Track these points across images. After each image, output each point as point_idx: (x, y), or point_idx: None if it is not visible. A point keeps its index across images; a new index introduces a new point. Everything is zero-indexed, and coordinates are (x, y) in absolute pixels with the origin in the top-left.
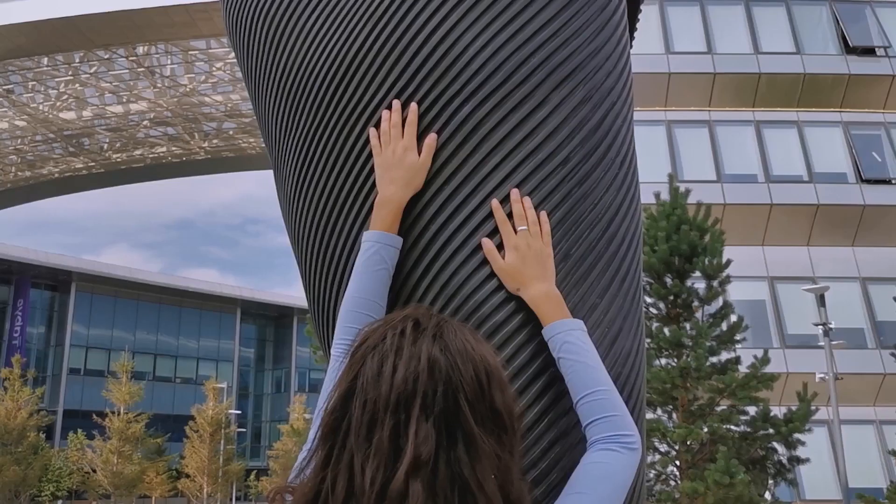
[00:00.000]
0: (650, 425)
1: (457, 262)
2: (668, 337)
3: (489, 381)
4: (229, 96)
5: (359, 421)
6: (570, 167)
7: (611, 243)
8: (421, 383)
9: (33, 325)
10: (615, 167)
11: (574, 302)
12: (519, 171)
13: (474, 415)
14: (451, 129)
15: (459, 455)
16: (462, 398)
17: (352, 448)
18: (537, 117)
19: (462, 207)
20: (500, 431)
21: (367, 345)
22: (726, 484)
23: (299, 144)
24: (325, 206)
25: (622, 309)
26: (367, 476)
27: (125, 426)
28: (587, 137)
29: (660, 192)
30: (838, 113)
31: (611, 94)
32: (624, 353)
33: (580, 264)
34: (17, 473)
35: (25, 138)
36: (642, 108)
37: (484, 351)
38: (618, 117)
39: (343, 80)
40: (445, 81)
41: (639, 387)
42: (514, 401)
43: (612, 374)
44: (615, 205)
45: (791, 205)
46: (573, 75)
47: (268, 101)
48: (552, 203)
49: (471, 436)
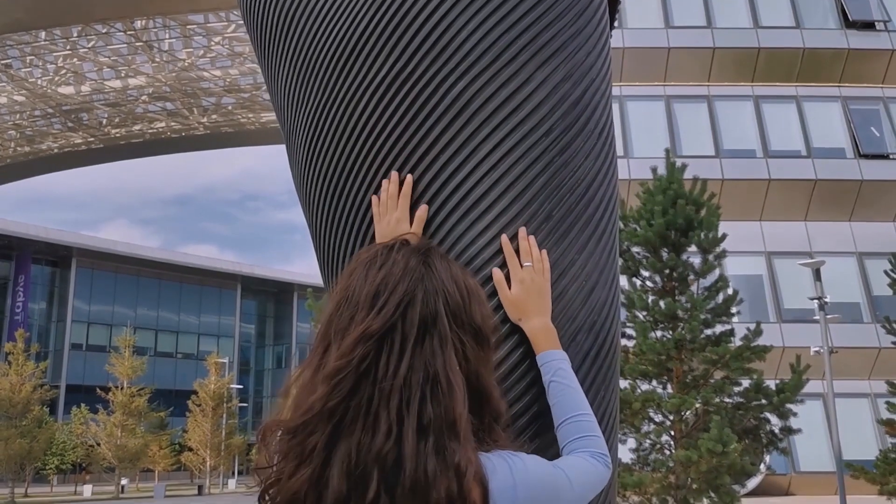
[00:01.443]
0: (645, 396)
1: (452, 220)
2: (663, 309)
3: (469, 296)
4: (228, 71)
5: (341, 317)
6: (552, 137)
7: (589, 206)
8: (402, 285)
9: (34, 301)
10: (594, 138)
11: (555, 258)
12: (507, 142)
13: (452, 321)
14: (446, 103)
15: (434, 348)
16: (441, 304)
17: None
18: (523, 93)
19: (456, 174)
20: (475, 342)
21: (360, 260)
22: (719, 452)
23: (310, 117)
24: (333, 174)
25: (598, 264)
26: (333, 359)
27: (128, 400)
28: (568, 111)
29: (657, 167)
30: (837, 88)
31: (590, 71)
32: (599, 304)
33: (561, 224)
34: (23, 446)
35: (24, 113)
36: (641, 83)
37: (466, 274)
38: (596, 92)
39: (350, 59)
40: (441, 61)
41: (613, 333)
42: (491, 318)
43: (588, 321)
44: (593, 171)
45: (789, 180)
46: (556, 55)
47: (280, 77)
48: (536, 170)
49: (444, 337)
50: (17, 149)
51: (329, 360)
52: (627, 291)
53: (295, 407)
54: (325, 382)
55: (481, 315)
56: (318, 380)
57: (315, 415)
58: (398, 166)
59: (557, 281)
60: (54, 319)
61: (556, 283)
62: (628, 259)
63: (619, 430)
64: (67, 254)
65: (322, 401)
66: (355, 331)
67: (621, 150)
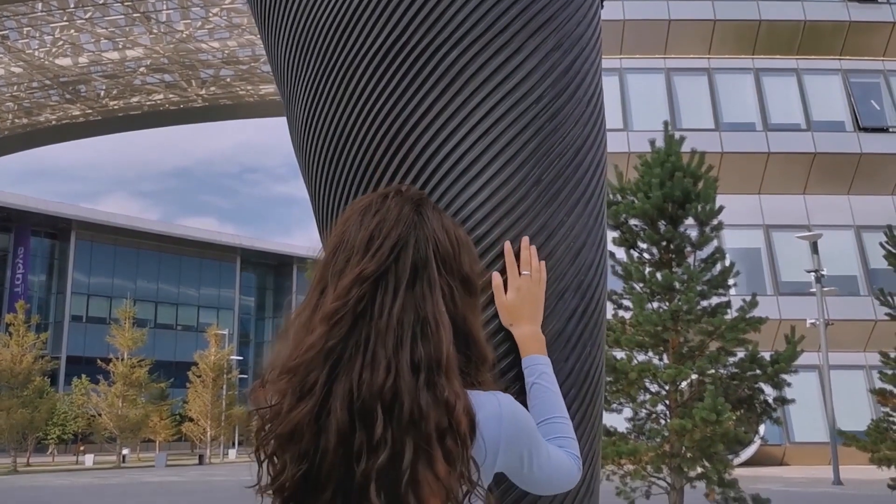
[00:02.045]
0: (641, 366)
1: (446, 183)
2: (660, 281)
3: (459, 245)
4: (226, 43)
5: (336, 261)
6: (542, 104)
7: (577, 170)
8: (396, 231)
9: (34, 274)
10: (583, 105)
11: (544, 220)
12: (498, 108)
13: (441, 267)
14: (440, 72)
15: (423, 291)
16: (432, 250)
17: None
18: (514, 62)
19: (449, 139)
20: (463, 289)
21: (355, 207)
22: (713, 421)
23: (309, 84)
24: (331, 139)
25: (586, 226)
26: (330, 300)
27: (129, 371)
28: (558, 79)
29: (655, 140)
30: (838, 61)
31: (580, 40)
32: (587, 264)
33: (550, 188)
34: (25, 416)
35: (22, 85)
36: (642, 56)
37: (456, 226)
38: (586, 61)
39: (347, 28)
40: (435, 31)
41: (600, 292)
42: (478, 266)
43: (575, 281)
44: (582, 137)
45: (788, 153)
46: (546, 25)
47: (280, 46)
48: (526, 135)
49: (433, 281)
50: (15, 121)
51: (326, 301)
52: (625, 263)
53: (294, 347)
54: (323, 323)
55: (469, 264)
56: (316, 320)
57: (315, 353)
58: (394, 132)
59: (546, 242)
60: (54, 291)
61: (545, 244)
62: (626, 231)
63: (605, 387)
64: (67, 226)
65: (322, 339)
66: (351, 273)
67: (621, 123)
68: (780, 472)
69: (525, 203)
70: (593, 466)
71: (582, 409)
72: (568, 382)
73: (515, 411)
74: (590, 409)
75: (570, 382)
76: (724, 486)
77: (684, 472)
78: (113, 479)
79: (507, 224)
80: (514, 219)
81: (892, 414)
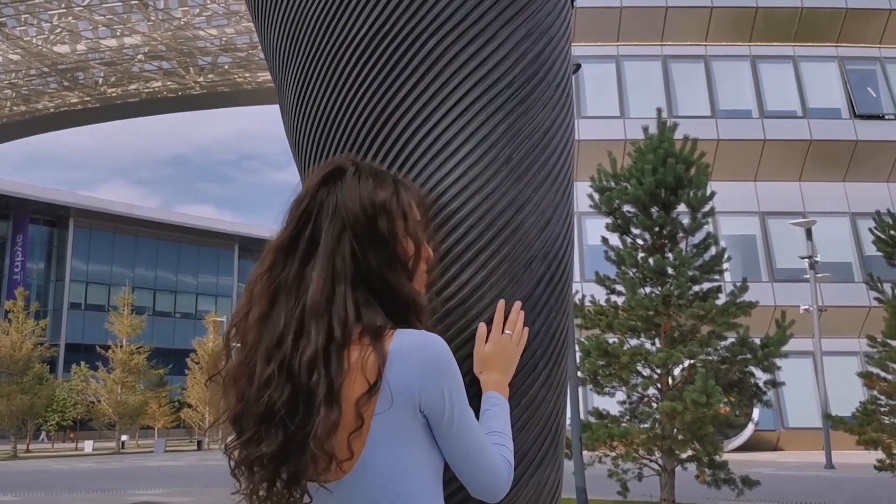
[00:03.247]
0: (634, 350)
1: (424, 161)
2: (652, 266)
3: (375, 211)
4: (224, 30)
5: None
6: (513, 89)
7: (545, 150)
8: (303, 204)
9: (33, 261)
10: (551, 90)
11: (514, 195)
12: (472, 93)
13: (351, 233)
14: (419, 58)
15: (315, 258)
16: (339, 218)
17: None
18: (488, 49)
19: (427, 121)
20: (378, 250)
21: (297, 196)
22: (703, 403)
23: (299, 70)
24: (320, 121)
25: (553, 201)
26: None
27: (128, 357)
28: (528, 65)
29: (648, 127)
30: (834, 48)
31: (549, 30)
32: (554, 235)
33: (519, 166)
34: (25, 402)
35: (20, 72)
36: (638, 43)
37: (377, 191)
38: (555, 49)
39: (334, 18)
40: (415, 20)
41: (566, 261)
42: (397, 226)
43: (542, 251)
44: (550, 119)
45: (784, 140)
46: (518, 14)
47: (273, 34)
48: (498, 118)
49: (327, 249)
50: (14, 108)
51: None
52: (618, 248)
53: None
54: (246, 290)
55: (387, 227)
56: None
57: (243, 315)
58: (377, 114)
59: (515, 216)
60: (53, 279)
61: (514, 218)
62: (619, 217)
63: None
64: (65, 214)
65: (245, 306)
66: (270, 244)
67: (617, 110)
68: (773, 457)
69: (496, 180)
70: (558, 420)
71: (548, 368)
72: (535, 343)
73: (443, 350)
74: (555, 367)
75: (536, 343)
76: (714, 468)
77: (675, 454)
78: (113, 463)
79: (479, 199)
80: (485, 194)
81: (879, 397)
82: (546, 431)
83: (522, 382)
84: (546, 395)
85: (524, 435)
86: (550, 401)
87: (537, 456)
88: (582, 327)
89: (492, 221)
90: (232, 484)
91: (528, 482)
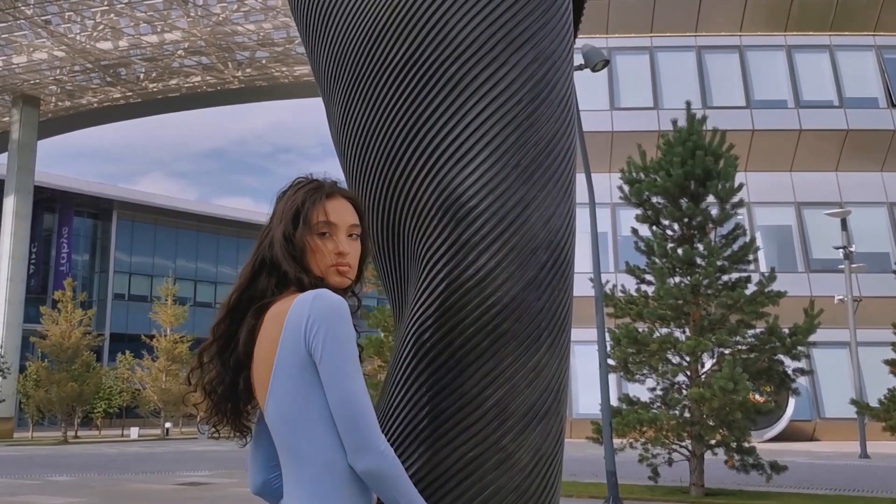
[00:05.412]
0: (663, 338)
1: (447, 167)
2: (681, 256)
3: (277, 220)
4: (261, 25)
5: None
6: (521, 106)
7: (549, 157)
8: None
9: (77, 253)
10: (554, 105)
11: (521, 194)
12: (487, 110)
13: (264, 241)
14: (444, 81)
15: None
16: (262, 235)
17: None
18: (500, 73)
19: (450, 134)
20: (277, 245)
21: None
22: (731, 390)
23: (344, 90)
24: (362, 133)
25: (556, 199)
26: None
27: (172, 346)
28: (534, 86)
29: (677, 119)
30: (871, 37)
31: (553, 55)
32: (556, 228)
33: (527, 171)
34: (74, 389)
35: (64, 69)
36: (673, 34)
37: (286, 205)
38: (558, 71)
39: (372, 45)
40: (440, 49)
41: (568, 249)
42: (290, 225)
43: (546, 240)
44: (553, 131)
45: (820, 130)
46: (526, 43)
47: (321, 59)
48: (508, 130)
49: (254, 252)
50: (59, 104)
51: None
52: (647, 239)
53: None
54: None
55: (282, 230)
56: None
57: (224, 304)
58: (409, 126)
59: (523, 211)
60: (97, 270)
61: (522, 213)
62: (649, 208)
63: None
64: (108, 206)
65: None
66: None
67: (651, 101)
68: (808, 447)
69: (507, 182)
70: (560, 381)
71: (552, 337)
72: (539, 317)
73: (335, 301)
74: (558, 337)
75: (541, 317)
76: (742, 453)
77: (704, 440)
78: (159, 448)
79: (492, 197)
80: (498, 193)
81: None
82: (550, 389)
83: (528, 348)
84: (550, 359)
85: (532, 391)
86: (553, 364)
87: (542, 409)
88: (613, 316)
89: (503, 216)
90: None
91: (534, 430)
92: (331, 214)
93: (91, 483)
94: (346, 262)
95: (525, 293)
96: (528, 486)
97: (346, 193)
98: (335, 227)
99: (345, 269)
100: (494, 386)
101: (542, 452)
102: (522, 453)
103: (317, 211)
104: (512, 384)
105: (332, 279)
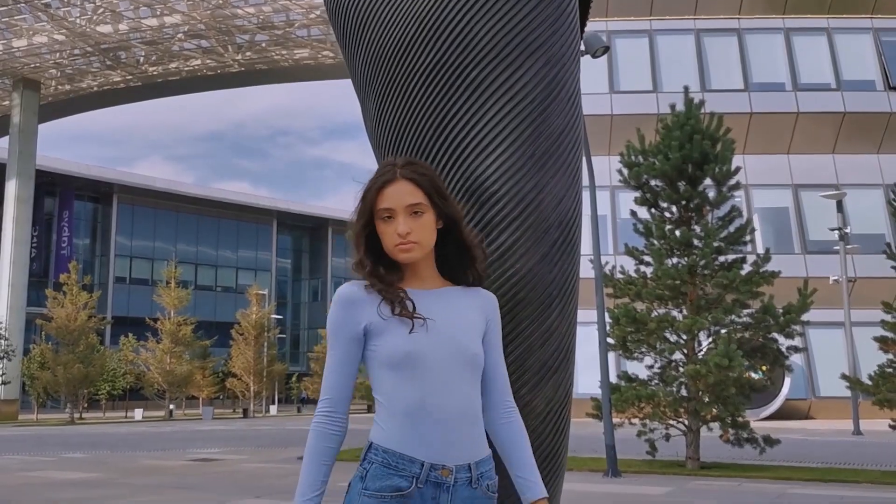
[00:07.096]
0: (661, 317)
1: (471, 157)
2: (678, 238)
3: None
4: (261, 8)
5: None
6: (535, 103)
7: (559, 147)
8: None
9: (79, 237)
10: (563, 102)
11: (536, 181)
12: (504, 108)
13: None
14: (467, 83)
15: None
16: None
17: None
18: (516, 75)
19: (473, 129)
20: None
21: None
22: (725, 366)
23: (379, 89)
24: (395, 130)
25: (565, 184)
26: None
27: (175, 328)
28: (546, 86)
29: (675, 104)
30: (869, 19)
31: (562, 58)
32: (565, 210)
33: (540, 160)
34: (81, 371)
35: (64, 52)
36: (672, 17)
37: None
38: (567, 72)
39: (403, 52)
40: (464, 54)
41: (575, 228)
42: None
43: (556, 220)
44: (562, 125)
45: (818, 113)
46: (539, 49)
47: (358, 62)
48: (523, 125)
49: None
50: (59, 87)
51: None
52: (646, 221)
53: None
54: None
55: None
56: None
57: None
58: (437, 122)
59: (537, 195)
60: (98, 254)
61: (536, 197)
62: (647, 191)
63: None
64: (109, 190)
65: None
66: None
67: (651, 85)
68: (803, 425)
69: (523, 170)
70: (569, 341)
71: (561, 304)
72: (550, 287)
73: (338, 291)
74: (567, 304)
75: (552, 287)
76: (737, 428)
77: (700, 415)
78: (165, 428)
79: (511, 183)
80: (515, 180)
81: (894, 360)
82: (560, 349)
83: (542, 313)
84: (559, 323)
85: (545, 349)
86: (563, 326)
87: (553, 365)
88: (612, 296)
89: (520, 199)
90: (280, 446)
91: (547, 383)
92: (385, 201)
93: (105, 460)
94: (406, 241)
95: (539, 266)
96: (542, 428)
97: (406, 174)
98: (394, 211)
99: (407, 246)
100: (514, 345)
101: (554, 401)
102: (538, 401)
103: (377, 201)
104: (528, 343)
105: (398, 257)
